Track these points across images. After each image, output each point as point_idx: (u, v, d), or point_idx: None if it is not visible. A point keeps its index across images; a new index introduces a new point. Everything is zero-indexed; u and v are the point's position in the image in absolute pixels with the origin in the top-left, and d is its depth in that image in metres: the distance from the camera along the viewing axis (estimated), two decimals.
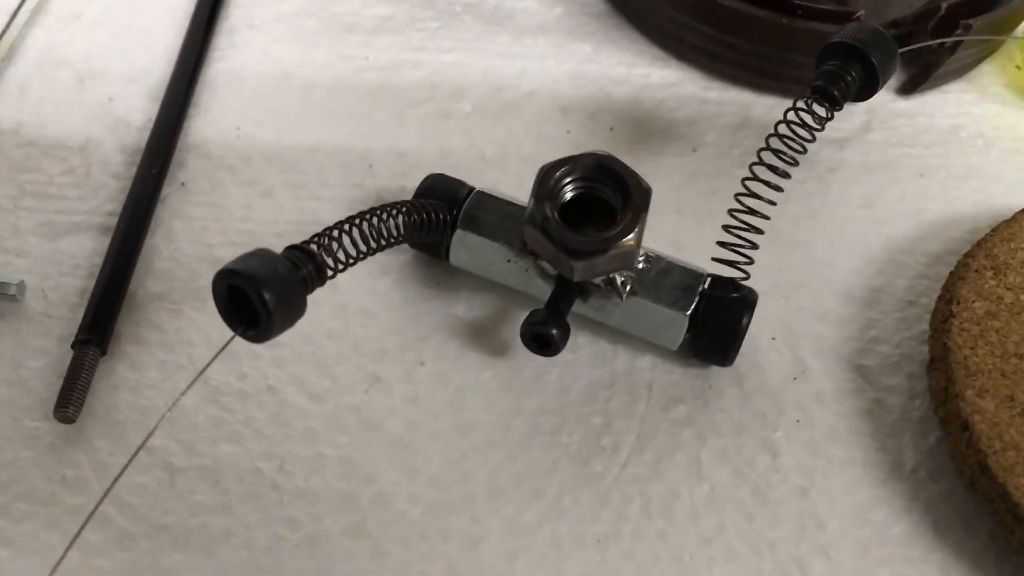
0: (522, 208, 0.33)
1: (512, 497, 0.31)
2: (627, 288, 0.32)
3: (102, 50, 0.41)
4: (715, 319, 0.32)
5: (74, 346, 0.32)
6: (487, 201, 0.34)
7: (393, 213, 0.30)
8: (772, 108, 0.42)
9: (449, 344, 0.34)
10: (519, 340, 0.33)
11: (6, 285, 0.33)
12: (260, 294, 0.25)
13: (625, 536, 0.30)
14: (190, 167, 0.37)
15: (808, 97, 0.32)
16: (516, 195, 0.34)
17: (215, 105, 0.39)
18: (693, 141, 0.40)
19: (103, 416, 0.31)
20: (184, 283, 0.35)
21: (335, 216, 0.36)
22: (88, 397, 0.31)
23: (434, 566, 0.29)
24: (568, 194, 0.31)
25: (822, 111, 0.32)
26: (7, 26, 0.40)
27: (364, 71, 0.41)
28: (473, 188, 0.34)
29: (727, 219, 0.34)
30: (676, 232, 0.37)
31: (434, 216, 0.32)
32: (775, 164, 0.32)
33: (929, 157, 0.40)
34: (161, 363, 0.33)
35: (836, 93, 0.32)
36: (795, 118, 0.32)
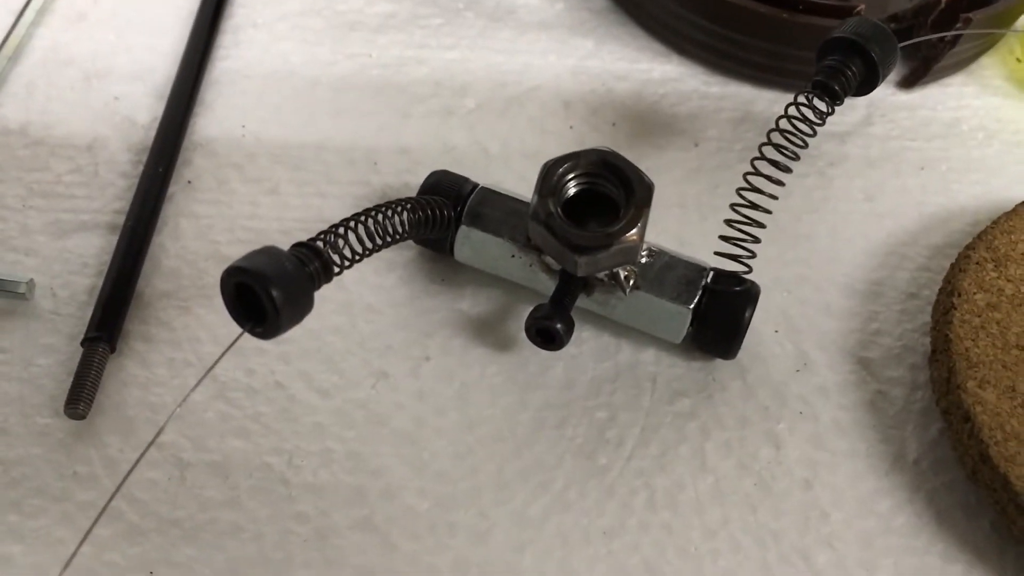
0: (526, 204, 0.34)
1: (519, 491, 0.31)
2: (630, 282, 0.32)
3: (108, 49, 0.41)
4: (718, 313, 0.32)
5: (84, 343, 0.32)
6: (491, 197, 0.34)
7: (398, 210, 0.31)
8: (773, 102, 0.42)
9: (454, 340, 0.34)
10: (524, 335, 0.33)
11: (15, 284, 0.33)
12: (268, 291, 0.26)
13: (631, 528, 0.31)
14: (196, 165, 0.38)
15: (809, 92, 0.33)
16: (520, 191, 0.35)
17: (220, 103, 0.40)
18: (695, 136, 0.41)
19: (113, 412, 0.32)
20: (191, 280, 0.35)
21: (341, 213, 0.36)
22: (98, 394, 0.31)
23: (442, 559, 0.30)
24: (571, 190, 0.31)
25: (823, 106, 0.33)
26: (13, 26, 0.40)
27: (368, 68, 0.42)
28: (477, 184, 0.35)
29: (730, 213, 0.35)
30: (679, 226, 0.37)
31: (439, 212, 0.32)
32: (776, 159, 0.32)
33: (930, 150, 0.40)
34: (169, 360, 0.33)
35: (836, 88, 0.32)
36: (796, 113, 0.32)
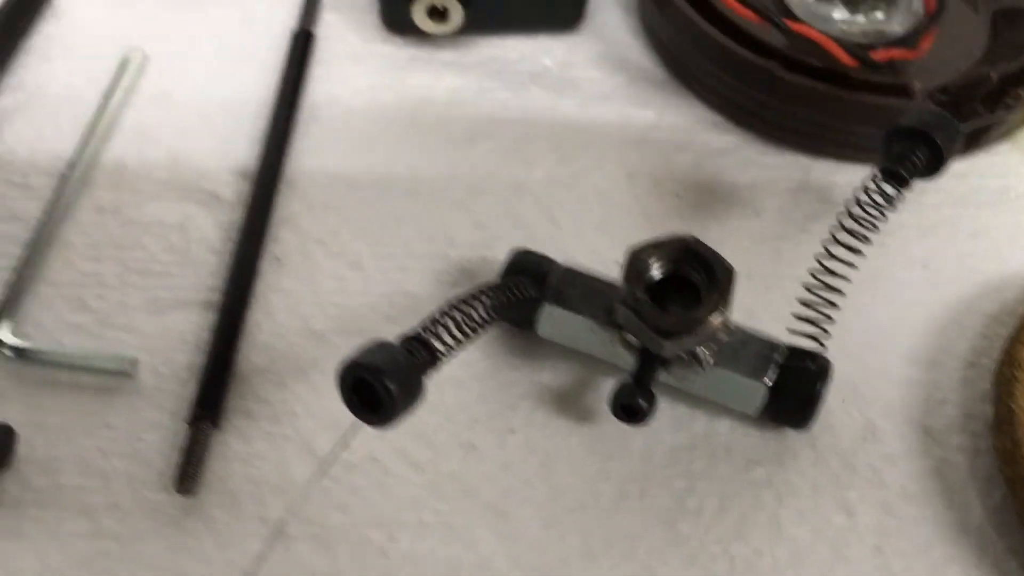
0: (605, 283, 0.35)
1: (604, 559, 0.33)
2: (709, 359, 0.34)
3: (192, 128, 0.43)
4: (793, 388, 0.34)
5: (189, 422, 0.34)
6: (572, 277, 0.36)
7: (491, 295, 0.32)
8: (829, 171, 0.44)
9: (537, 412, 0.36)
10: (603, 406, 0.35)
11: (121, 361, 0.35)
12: (385, 385, 0.28)
13: None
14: (283, 241, 0.40)
15: (878, 178, 0.34)
16: (591, 263, 0.36)
17: (303, 180, 0.41)
18: (756, 205, 0.42)
19: (218, 487, 0.33)
20: (285, 356, 0.37)
21: (422, 287, 0.38)
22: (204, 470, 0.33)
23: None
24: (655, 274, 0.33)
25: (892, 191, 0.34)
26: (103, 106, 0.42)
27: (439, 143, 0.43)
28: (556, 263, 0.36)
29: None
30: (746, 296, 0.38)
31: (525, 294, 0.34)
32: (849, 243, 0.34)
33: (981, 217, 0.42)
34: (269, 435, 0.35)
35: (905, 174, 0.34)
36: (866, 198, 0.34)
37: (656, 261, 0.33)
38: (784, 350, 0.34)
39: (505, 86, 0.46)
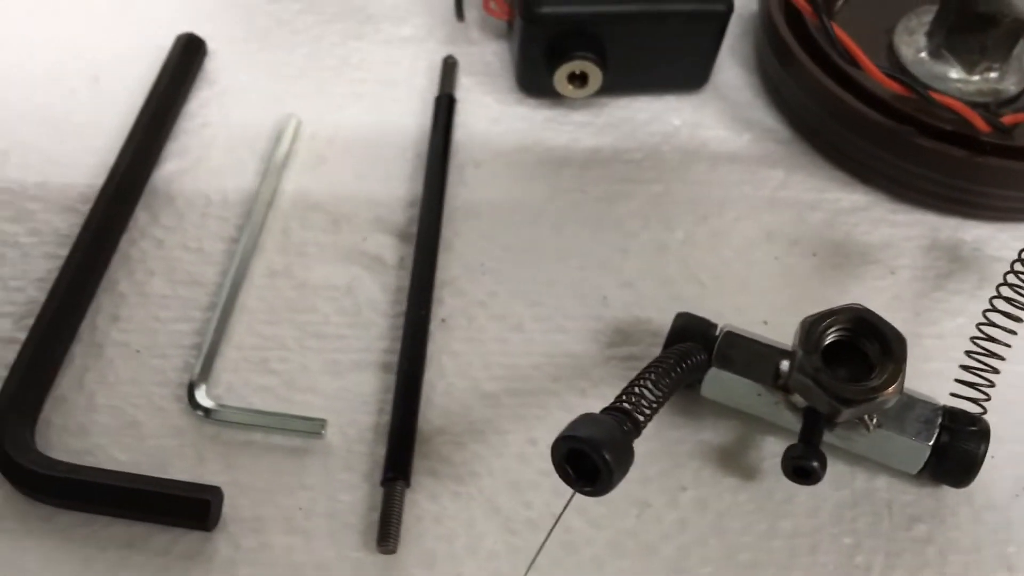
0: (768, 347, 0.37)
1: None
2: (873, 421, 0.36)
3: (348, 192, 0.45)
4: (955, 449, 0.36)
5: (384, 483, 0.36)
6: (736, 340, 0.38)
7: (671, 363, 0.34)
8: (957, 229, 0.45)
9: (704, 470, 0.38)
10: (766, 463, 0.37)
11: (313, 423, 0.37)
12: (603, 456, 0.29)
13: None
14: (447, 304, 0.42)
15: None
16: (737, 322, 0.38)
17: (458, 242, 0.43)
18: (889, 264, 0.44)
19: (414, 546, 0.35)
20: (461, 416, 0.39)
21: (581, 346, 0.40)
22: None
23: None
24: (826, 341, 0.35)
25: None
26: (266, 172, 0.44)
27: (582, 204, 0.45)
28: (719, 326, 0.38)
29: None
30: None
31: (699, 359, 0.36)
32: (1008, 310, 0.35)
33: None
34: (455, 494, 0.36)
35: None
36: (1022, 266, 0.36)
37: (829, 330, 0.35)
38: (945, 412, 0.36)
39: (639, 147, 0.48)
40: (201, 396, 0.37)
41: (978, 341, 0.36)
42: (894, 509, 0.37)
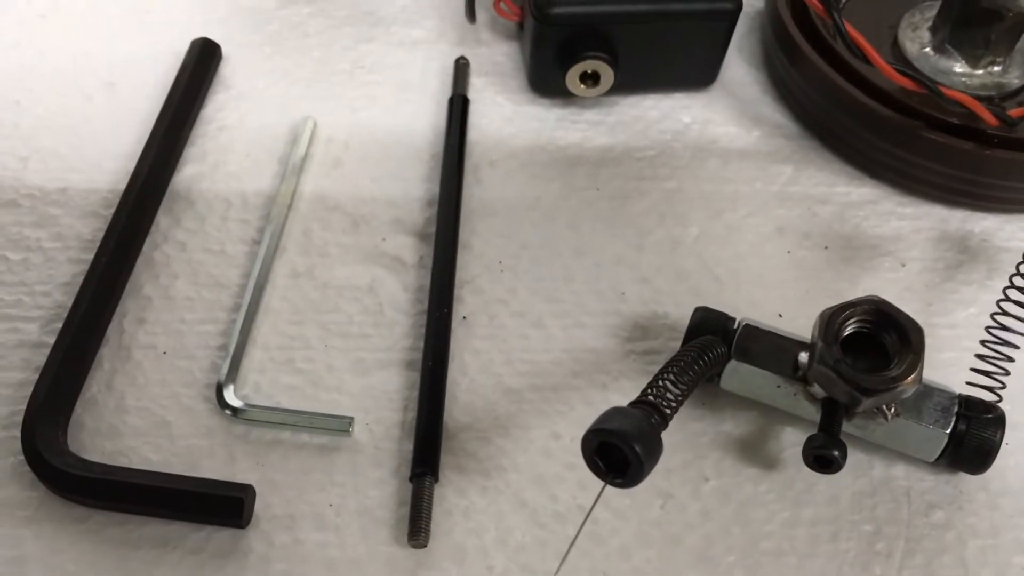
0: (785, 338, 0.38)
1: None
2: (891, 410, 0.36)
3: (366, 194, 0.45)
4: (972, 436, 0.36)
5: (412, 479, 0.36)
6: (755, 333, 0.38)
7: (693, 356, 0.35)
8: (965, 221, 0.46)
9: (725, 461, 0.38)
10: (786, 453, 0.38)
11: (340, 421, 0.38)
12: (632, 447, 0.30)
13: None
14: (467, 302, 0.42)
15: None
16: (754, 315, 0.39)
17: (476, 241, 0.44)
18: (900, 256, 0.45)
19: (444, 540, 0.36)
20: (485, 412, 0.39)
21: (600, 342, 0.41)
22: None
23: None
24: (845, 333, 0.36)
25: None
26: (284, 175, 0.45)
27: (596, 201, 0.46)
28: (738, 319, 0.39)
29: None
30: None
31: (719, 352, 0.37)
32: (1022, 300, 0.36)
33: None
34: (483, 488, 0.37)
35: None
36: None
37: (848, 321, 0.36)
38: (961, 400, 0.37)
39: (651, 144, 0.48)
40: (230, 396, 0.38)
41: (992, 330, 0.37)
42: (912, 496, 0.38)
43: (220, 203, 0.45)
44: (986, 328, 0.37)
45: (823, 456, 0.36)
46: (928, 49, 0.49)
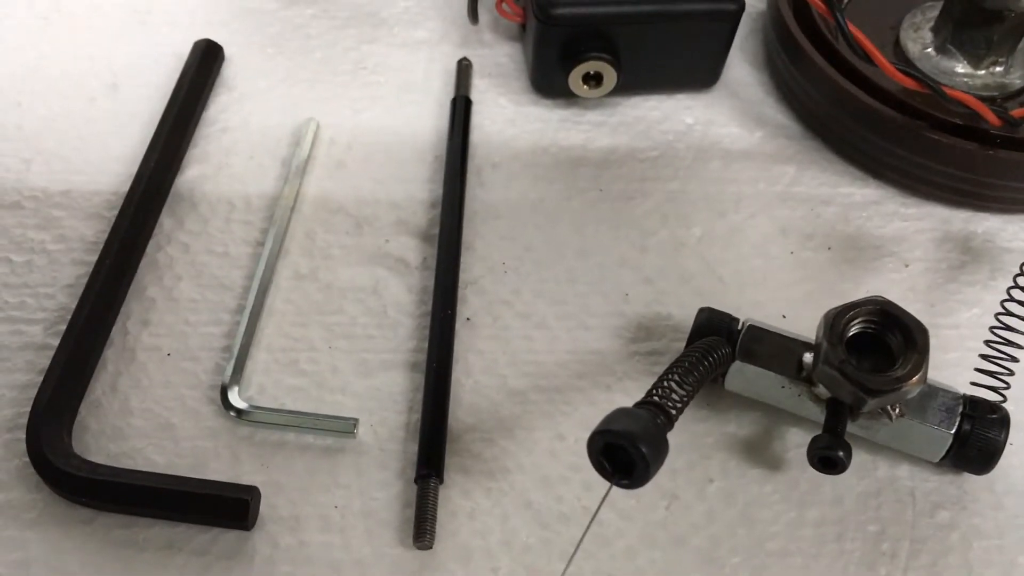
0: (789, 339, 0.38)
1: None
2: (896, 411, 0.36)
3: (369, 196, 0.45)
4: (977, 437, 0.36)
5: (418, 480, 0.36)
6: (759, 334, 0.38)
7: (698, 357, 0.35)
8: (967, 221, 0.46)
9: (730, 462, 0.38)
10: (790, 454, 0.38)
11: (345, 422, 0.38)
12: (638, 448, 0.30)
13: None
14: (471, 303, 0.42)
15: None
16: (759, 316, 0.39)
17: (479, 243, 0.44)
18: (903, 257, 0.45)
19: (449, 541, 0.36)
20: (489, 413, 0.39)
21: (604, 343, 0.41)
22: None
23: None
24: (850, 334, 0.36)
25: None
26: (287, 176, 0.45)
27: (599, 203, 0.46)
28: (741, 320, 0.39)
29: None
30: None
31: (723, 352, 0.37)
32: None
33: None
34: (487, 489, 0.37)
35: None
36: None
37: (853, 322, 0.36)
38: (966, 400, 0.37)
39: (654, 145, 0.48)
40: (234, 398, 0.38)
41: (996, 331, 0.37)
42: (917, 496, 0.38)
43: (223, 205, 0.45)
44: (990, 328, 0.37)
45: (828, 457, 0.36)
46: (930, 49, 0.49)
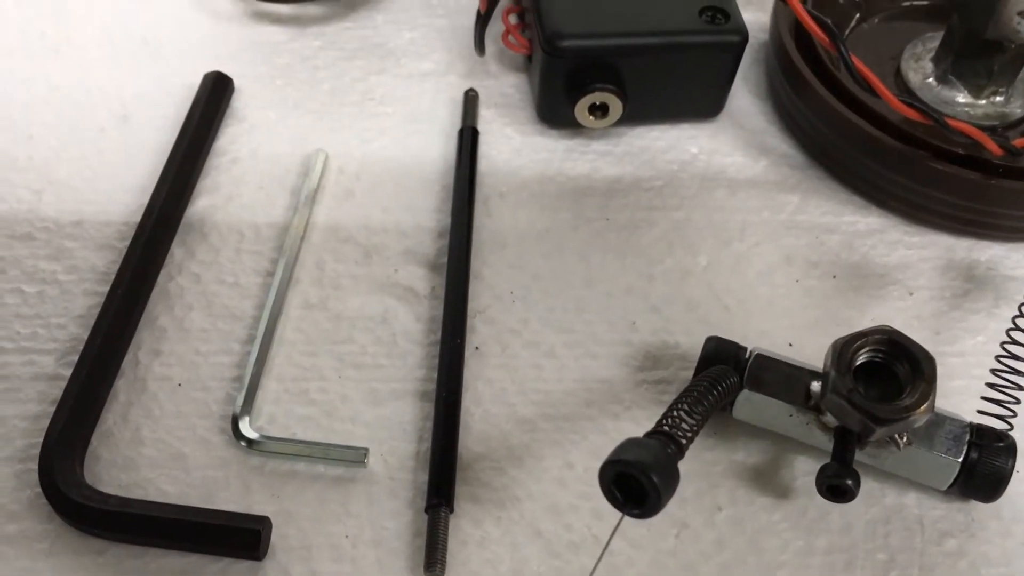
0: (796, 368, 0.38)
1: None
2: (903, 439, 0.37)
3: (378, 224, 0.46)
4: (985, 465, 0.37)
5: (428, 509, 0.36)
6: (767, 362, 0.39)
7: (707, 386, 0.35)
8: (971, 249, 0.47)
9: (739, 490, 0.39)
10: (798, 482, 0.38)
11: (356, 452, 0.38)
12: (650, 478, 0.30)
13: None
14: (480, 332, 0.42)
15: None
16: (764, 344, 0.39)
17: (487, 272, 0.44)
18: (908, 285, 0.45)
19: (460, 570, 0.36)
20: (499, 442, 0.39)
21: (612, 372, 0.41)
22: None
23: None
24: (857, 362, 0.36)
25: None
26: (297, 206, 0.45)
27: (606, 232, 0.46)
28: (748, 349, 0.39)
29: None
30: None
31: (732, 381, 0.37)
32: None
33: None
34: (497, 519, 0.37)
35: None
36: None
37: (860, 351, 0.36)
38: (972, 428, 0.37)
39: (659, 175, 0.49)
40: (245, 427, 0.38)
41: (1002, 359, 0.37)
42: (925, 524, 0.38)
43: (234, 235, 0.45)
44: (996, 357, 0.37)
45: (837, 485, 0.36)
46: (931, 80, 0.50)
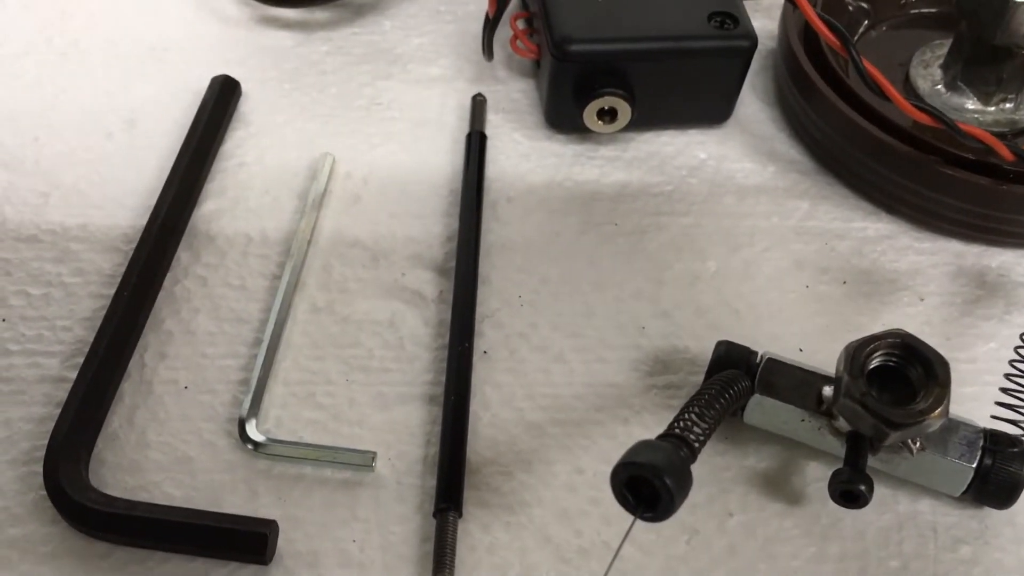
0: (808, 372, 0.38)
1: None
2: (916, 444, 0.36)
3: (385, 229, 0.46)
4: (998, 470, 0.36)
5: (436, 514, 0.36)
6: (778, 367, 0.38)
7: (718, 390, 0.35)
8: (981, 256, 0.46)
9: (750, 496, 0.38)
10: (810, 488, 0.38)
11: (363, 456, 0.37)
12: (663, 480, 0.30)
13: None
14: (488, 336, 0.42)
15: None
16: (775, 349, 0.39)
17: (495, 276, 0.44)
18: (918, 291, 0.45)
19: (468, 575, 0.35)
20: (507, 447, 0.39)
21: (621, 376, 0.41)
22: None
23: None
24: (870, 366, 0.36)
25: None
26: (304, 210, 0.45)
27: (615, 236, 0.46)
28: (760, 353, 0.39)
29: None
30: None
31: (743, 385, 0.37)
32: None
33: None
34: (506, 524, 0.37)
35: None
36: None
37: (873, 355, 0.36)
38: (986, 434, 0.37)
39: (668, 180, 0.49)
40: (251, 431, 0.38)
41: (1016, 364, 0.37)
42: (939, 531, 0.38)
43: (240, 239, 0.45)
44: (1009, 362, 0.37)
45: (850, 490, 0.35)
46: (940, 86, 0.50)
